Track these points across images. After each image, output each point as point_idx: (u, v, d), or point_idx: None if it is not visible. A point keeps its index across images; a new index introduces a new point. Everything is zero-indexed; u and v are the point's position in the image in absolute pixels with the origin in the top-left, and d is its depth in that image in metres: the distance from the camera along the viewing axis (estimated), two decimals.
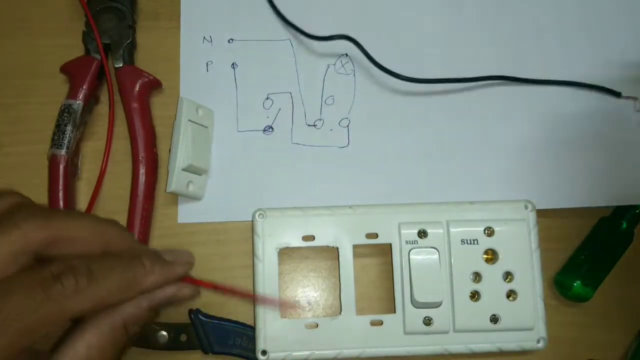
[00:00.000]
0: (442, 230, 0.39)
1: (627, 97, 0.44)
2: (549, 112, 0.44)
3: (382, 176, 0.43)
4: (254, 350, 0.38)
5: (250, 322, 0.39)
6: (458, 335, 0.38)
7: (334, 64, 0.44)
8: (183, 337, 0.39)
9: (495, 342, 0.38)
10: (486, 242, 0.39)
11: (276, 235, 0.39)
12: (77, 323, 0.28)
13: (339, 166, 0.43)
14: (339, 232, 0.39)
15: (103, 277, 0.27)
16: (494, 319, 0.38)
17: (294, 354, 0.38)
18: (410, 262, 0.38)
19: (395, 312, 0.39)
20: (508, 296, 0.39)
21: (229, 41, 0.45)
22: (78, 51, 0.43)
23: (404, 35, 0.45)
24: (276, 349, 0.38)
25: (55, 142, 0.40)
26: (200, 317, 0.39)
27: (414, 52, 0.45)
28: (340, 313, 0.38)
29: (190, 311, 0.39)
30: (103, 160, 0.42)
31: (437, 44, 0.45)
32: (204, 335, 0.39)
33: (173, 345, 0.39)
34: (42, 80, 0.43)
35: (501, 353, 0.39)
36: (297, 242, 0.39)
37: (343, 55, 0.45)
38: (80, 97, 0.41)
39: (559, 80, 0.44)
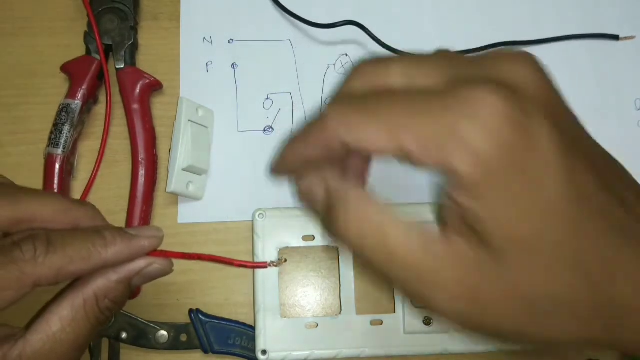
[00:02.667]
0: None
1: (625, 38, 0.45)
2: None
3: (382, 176, 0.43)
4: (254, 350, 0.38)
5: (250, 322, 0.39)
6: (458, 335, 0.38)
7: (334, 64, 0.44)
8: (183, 337, 0.39)
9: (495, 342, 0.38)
10: None
11: (276, 235, 0.39)
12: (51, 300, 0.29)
13: None
14: None
15: (62, 246, 0.27)
16: None
17: (294, 353, 0.38)
18: None
19: (395, 311, 0.39)
20: None
21: (229, 41, 0.45)
22: (79, 51, 0.43)
23: (404, 28, 0.45)
24: (276, 349, 0.38)
25: (52, 141, 0.40)
26: (200, 316, 0.39)
27: (416, 41, 0.45)
28: (340, 313, 0.38)
29: (190, 311, 0.39)
30: (96, 161, 0.42)
31: (433, 25, 0.46)
32: (204, 335, 0.39)
33: (173, 345, 0.39)
34: (43, 80, 0.44)
35: (501, 353, 0.39)
36: (297, 242, 0.39)
37: (343, 55, 0.45)
38: (79, 97, 0.41)
39: (557, 37, 0.45)
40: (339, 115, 0.25)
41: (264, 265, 0.37)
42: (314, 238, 0.39)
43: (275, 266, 0.37)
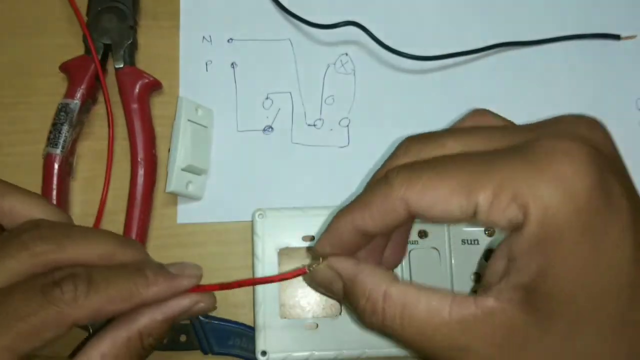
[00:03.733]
0: (442, 231, 0.39)
1: (626, 38, 0.45)
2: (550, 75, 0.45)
3: None
4: (253, 351, 0.38)
5: (250, 323, 0.39)
6: None
7: (334, 64, 0.44)
8: (182, 338, 0.39)
9: None
10: (487, 243, 0.39)
11: (276, 235, 0.39)
12: (94, 333, 0.29)
13: (339, 166, 0.43)
14: None
15: (103, 285, 0.27)
16: None
17: (294, 354, 0.37)
18: (411, 262, 0.38)
19: None
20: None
21: (228, 40, 0.45)
22: (78, 50, 0.43)
23: (404, 28, 0.45)
24: (276, 350, 0.37)
25: (51, 141, 0.40)
26: (200, 317, 0.39)
27: (416, 42, 0.45)
28: (340, 313, 0.38)
29: None
30: (107, 169, 0.41)
31: (434, 25, 0.46)
32: (204, 335, 0.39)
33: (172, 345, 0.39)
34: (42, 79, 0.43)
35: None
36: (297, 242, 0.39)
37: (343, 54, 0.44)
38: (77, 97, 0.41)
39: (558, 37, 0.45)
40: (407, 179, 0.24)
41: (303, 272, 0.32)
42: (314, 238, 0.39)
43: (315, 267, 0.34)
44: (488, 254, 0.39)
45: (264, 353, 0.37)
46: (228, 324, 0.39)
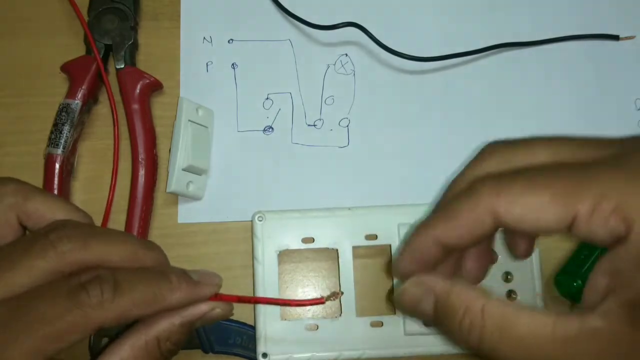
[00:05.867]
0: None
1: (625, 38, 0.45)
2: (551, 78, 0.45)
3: (382, 176, 0.43)
4: (254, 350, 0.38)
5: (250, 322, 0.39)
6: None
7: (334, 64, 0.44)
8: None
9: None
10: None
11: (276, 237, 0.39)
12: (113, 339, 0.29)
13: (339, 166, 0.43)
14: (339, 234, 0.39)
15: (129, 289, 0.27)
16: None
17: (295, 355, 0.38)
18: None
19: (395, 313, 0.39)
20: (508, 296, 0.39)
21: (229, 41, 0.45)
22: (79, 51, 0.43)
23: (404, 29, 0.45)
24: (277, 351, 0.38)
25: (52, 141, 0.40)
26: None
27: (416, 43, 0.45)
28: (340, 314, 0.38)
29: None
30: (113, 172, 0.41)
31: (434, 26, 0.46)
32: (204, 334, 0.39)
33: None
34: (43, 79, 0.43)
35: None
36: (296, 244, 0.39)
37: (343, 55, 0.45)
38: (78, 97, 0.41)
39: (557, 37, 0.45)
40: (495, 188, 0.23)
41: (321, 302, 0.34)
42: (313, 240, 0.39)
43: (333, 300, 0.35)
44: None
45: (264, 355, 0.38)
46: (229, 323, 0.39)
